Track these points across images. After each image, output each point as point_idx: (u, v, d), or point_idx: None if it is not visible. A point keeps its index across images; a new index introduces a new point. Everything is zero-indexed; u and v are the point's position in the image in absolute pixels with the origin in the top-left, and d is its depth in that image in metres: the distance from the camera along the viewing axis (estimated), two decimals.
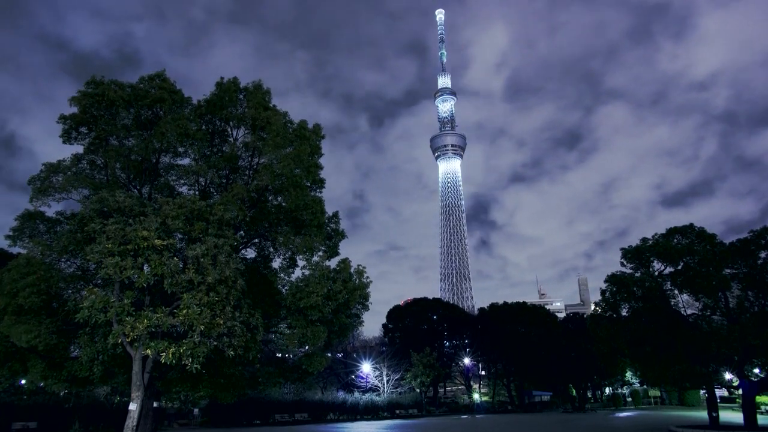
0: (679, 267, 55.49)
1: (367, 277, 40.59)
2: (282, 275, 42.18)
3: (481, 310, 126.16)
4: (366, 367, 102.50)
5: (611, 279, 57.94)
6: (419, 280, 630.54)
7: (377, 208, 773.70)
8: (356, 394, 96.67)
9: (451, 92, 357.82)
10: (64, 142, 39.38)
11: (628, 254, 58.95)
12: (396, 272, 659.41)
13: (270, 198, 42.55)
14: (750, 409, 53.43)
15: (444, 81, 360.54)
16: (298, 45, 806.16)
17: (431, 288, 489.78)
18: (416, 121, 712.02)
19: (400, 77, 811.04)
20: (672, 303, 56.22)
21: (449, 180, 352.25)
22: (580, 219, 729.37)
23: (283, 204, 41.45)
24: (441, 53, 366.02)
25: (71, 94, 38.21)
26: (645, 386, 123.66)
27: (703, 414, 68.28)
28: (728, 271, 53.98)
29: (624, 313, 58.20)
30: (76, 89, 39.37)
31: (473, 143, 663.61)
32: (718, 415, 56.93)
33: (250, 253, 44.98)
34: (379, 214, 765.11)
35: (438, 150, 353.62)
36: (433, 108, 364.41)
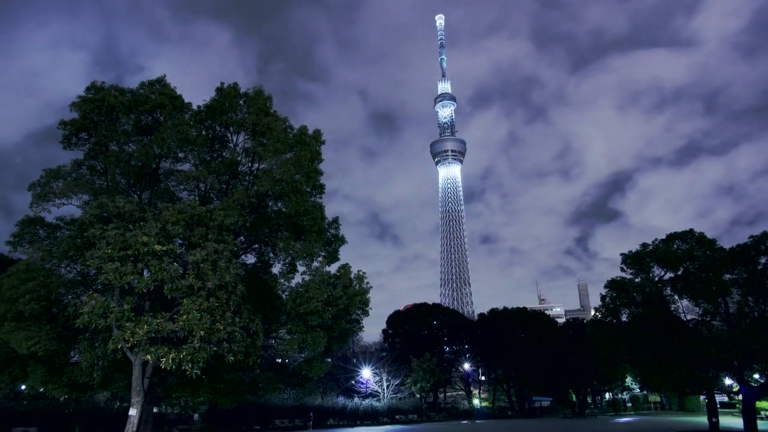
0: (679, 272, 55.49)
1: (367, 282, 40.65)
2: (282, 281, 42.16)
3: (481, 315, 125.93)
4: (366, 373, 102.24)
5: (611, 284, 57.92)
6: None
7: None
8: (356, 400, 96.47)
9: (451, 97, 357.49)
10: (64, 147, 39.45)
11: (628, 260, 58.94)
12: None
13: (270, 203, 42.60)
14: (750, 414, 53.43)
15: (444, 86, 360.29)
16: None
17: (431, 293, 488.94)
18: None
19: None
20: (672, 308, 56.22)
21: (449, 185, 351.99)
22: None
23: (283, 209, 41.52)
24: (441, 59, 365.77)
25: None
26: (645, 391, 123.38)
27: (703, 419, 68.19)
28: (728, 276, 54.00)
29: (624, 318, 58.17)
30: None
31: None
32: (718, 421, 56.93)
33: (250, 259, 45.07)
34: None
35: (438, 155, 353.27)
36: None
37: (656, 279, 57.28)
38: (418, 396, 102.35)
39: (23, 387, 57.54)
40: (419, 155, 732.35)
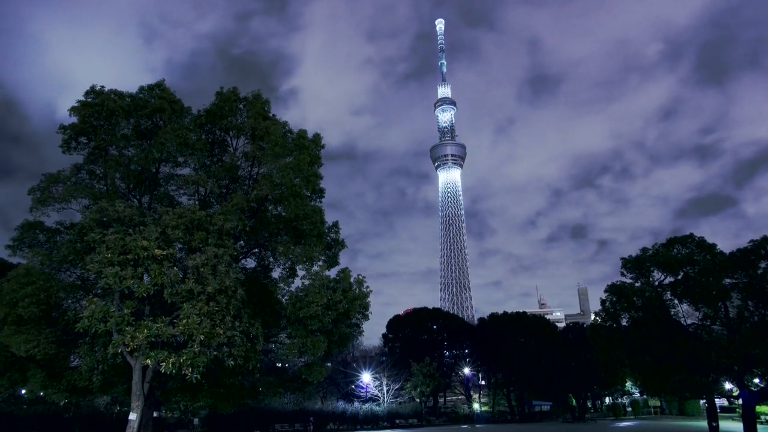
0: (679, 277, 55.53)
1: (367, 286, 40.63)
2: (282, 285, 42.14)
3: (481, 320, 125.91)
4: (366, 377, 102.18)
5: (611, 289, 57.95)
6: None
7: None
8: (356, 404, 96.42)
9: (451, 102, 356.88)
10: (63, 152, 39.50)
11: (629, 264, 58.98)
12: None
13: (270, 208, 42.61)
14: (750, 418, 53.40)
15: (444, 91, 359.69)
16: None
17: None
18: None
19: None
20: (672, 313, 56.23)
21: (449, 190, 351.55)
22: None
23: (283, 214, 41.51)
24: (441, 63, 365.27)
25: None
26: (645, 396, 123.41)
27: (703, 424, 68.18)
28: (728, 280, 54.02)
29: (624, 322, 58.21)
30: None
31: None
32: (718, 425, 56.96)
33: (250, 263, 45.09)
34: None
35: (438, 160, 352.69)
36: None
37: (656, 283, 57.32)
38: (418, 400, 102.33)
39: (23, 391, 57.47)
40: None
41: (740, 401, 57.48)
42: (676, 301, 56.29)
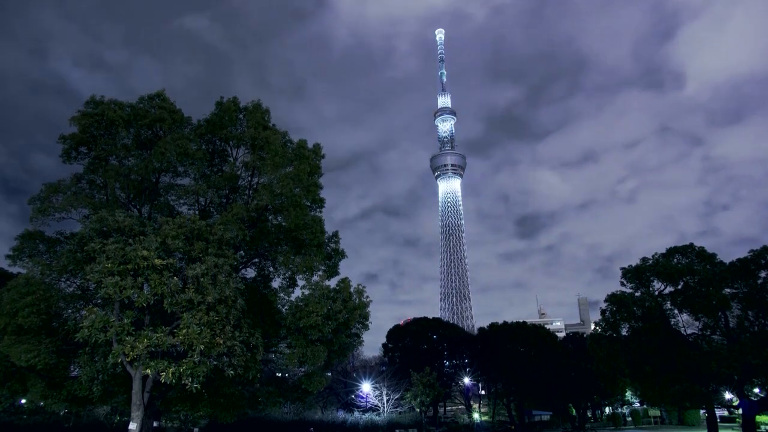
0: (679, 286, 55.59)
1: (367, 296, 40.59)
2: (282, 295, 42.12)
3: (481, 329, 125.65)
4: (366, 387, 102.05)
5: (611, 298, 58.00)
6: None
7: None
8: (356, 414, 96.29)
9: (451, 111, 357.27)
10: (63, 161, 39.57)
11: (628, 274, 59.04)
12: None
13: (270, 217, 42.64)
14: (750, 428, 53.39)
15: (444, 101, 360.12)
16: None
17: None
18: None
19: None
20: (672, 322, 56.30)
21: (449, 199, 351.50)
22: None
23: (283, 223, 41.52)
24: (441, 73, 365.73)
25: None
26: (645, 406, 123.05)
27: None
28: (728, 290, 54.09)
29: (624, 332, 58.25)
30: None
31: None
32: None
33: (250, 273, 45.04)
34: None
35: (438, 170, 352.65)
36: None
37: (656, 293, 57.38)
38: (418, 410, 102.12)
39: (23, 401, 57.53)
40: None
41: (740, 411, 57.48)
42: (676, 311, 56.39)
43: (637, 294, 57.81)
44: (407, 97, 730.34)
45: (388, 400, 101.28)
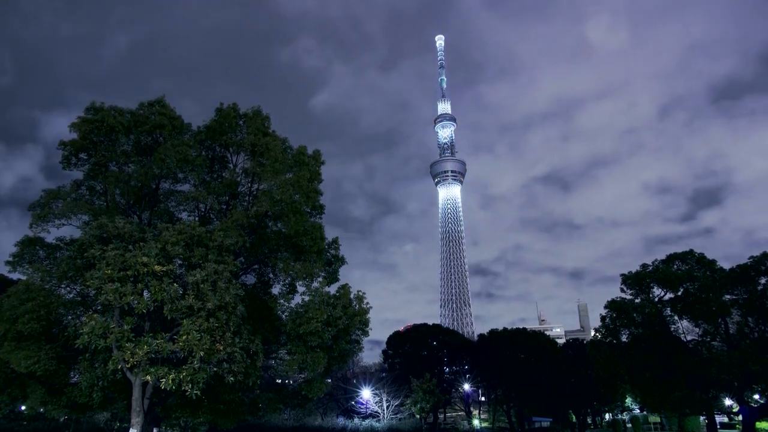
0: (679, 293, 55.59)
1: (367, 303, 40.57)
2: (282, 301, 41.98)
3: (481, 336, 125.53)
4: (366, 393, 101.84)
5: (611, 305, 57.99)
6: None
7: None
8: (356, 420, 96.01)
9: (451, 118, 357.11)
10: (63, 168, 39.55)
11: (628, 280, 59.05)
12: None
13: (270, 224, 42.62)
14: None
15: (444, 107, 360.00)
16: None
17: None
18: None
19: None
20: (672, 329, 56.30)
21: (449, 206, 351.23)
22: None
23: (283, 230, 41.51)
24: (441, 79, 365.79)
25: None
26: (645, 412, 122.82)
27: None
28: (728, 297, 54.12)
29: (624, 339, 58.24)
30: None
31: None
32: None
33: (250, 279, 45.00)
34: None
35: (438, 176, 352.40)
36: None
37: (656, 299, 57.40)
38: (417, 416, 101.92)
39: (23, 407, 57.43)
40: None
41: (740, 417, 57.51)
42: (676, 318, 56.40)
43: (637, 300, 57.83)
44: None
45: (388, 407, 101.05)
